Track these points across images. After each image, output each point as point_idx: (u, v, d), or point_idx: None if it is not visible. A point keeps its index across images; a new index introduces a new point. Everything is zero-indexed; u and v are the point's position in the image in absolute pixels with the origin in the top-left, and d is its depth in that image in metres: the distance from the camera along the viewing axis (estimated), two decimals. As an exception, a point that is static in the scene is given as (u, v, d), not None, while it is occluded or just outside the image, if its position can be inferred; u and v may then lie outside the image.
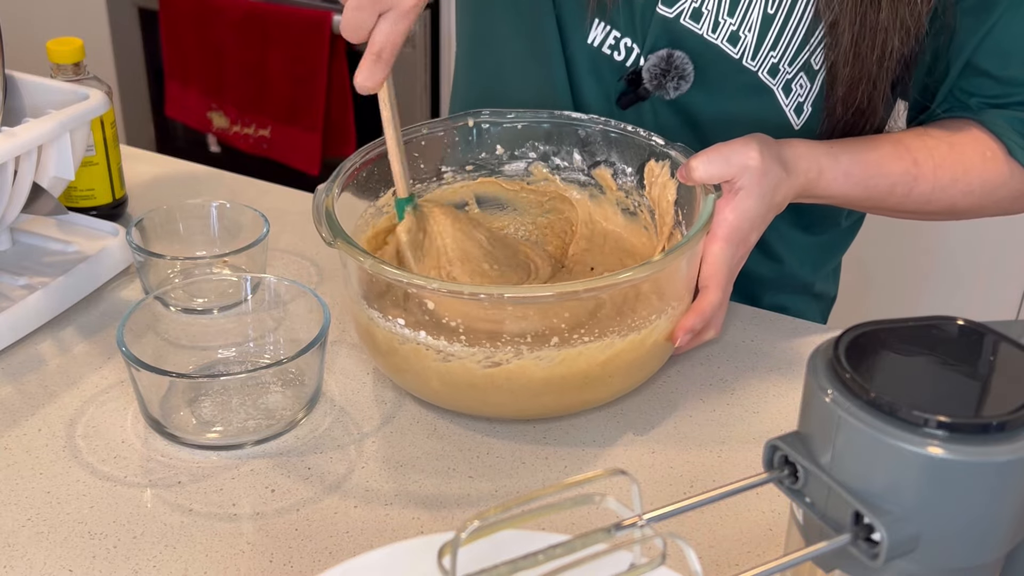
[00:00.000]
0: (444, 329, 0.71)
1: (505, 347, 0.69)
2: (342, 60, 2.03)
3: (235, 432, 0.73)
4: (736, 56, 0.86)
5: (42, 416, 0.75)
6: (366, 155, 0.82)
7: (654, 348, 0.74)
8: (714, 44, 0.85)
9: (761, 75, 0.86)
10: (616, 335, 0.71)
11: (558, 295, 0.69)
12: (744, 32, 0.85)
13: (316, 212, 0.74)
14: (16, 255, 0.91)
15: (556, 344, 0.70)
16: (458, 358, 0.70)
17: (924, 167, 0.86)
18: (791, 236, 0.99)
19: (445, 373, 0.71)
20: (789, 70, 0.86)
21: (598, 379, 0.72)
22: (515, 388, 0.71)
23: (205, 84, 2.18)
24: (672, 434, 0.75)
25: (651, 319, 0.72)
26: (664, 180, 0.82)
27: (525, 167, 0.89)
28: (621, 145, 0.86)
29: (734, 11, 0.84)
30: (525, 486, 0.70)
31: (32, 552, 0.64)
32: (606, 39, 0.89)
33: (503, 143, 0.88)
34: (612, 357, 0.71)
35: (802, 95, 0.87)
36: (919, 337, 0.45)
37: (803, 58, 0.85)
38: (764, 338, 0.87)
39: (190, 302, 0.82)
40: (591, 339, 0.70)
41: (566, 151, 0.87)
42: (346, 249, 0.71)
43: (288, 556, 0.64)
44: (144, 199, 1.04)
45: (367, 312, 0.73)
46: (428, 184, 0.88)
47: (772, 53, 0.85)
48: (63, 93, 0.89)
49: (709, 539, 0.66)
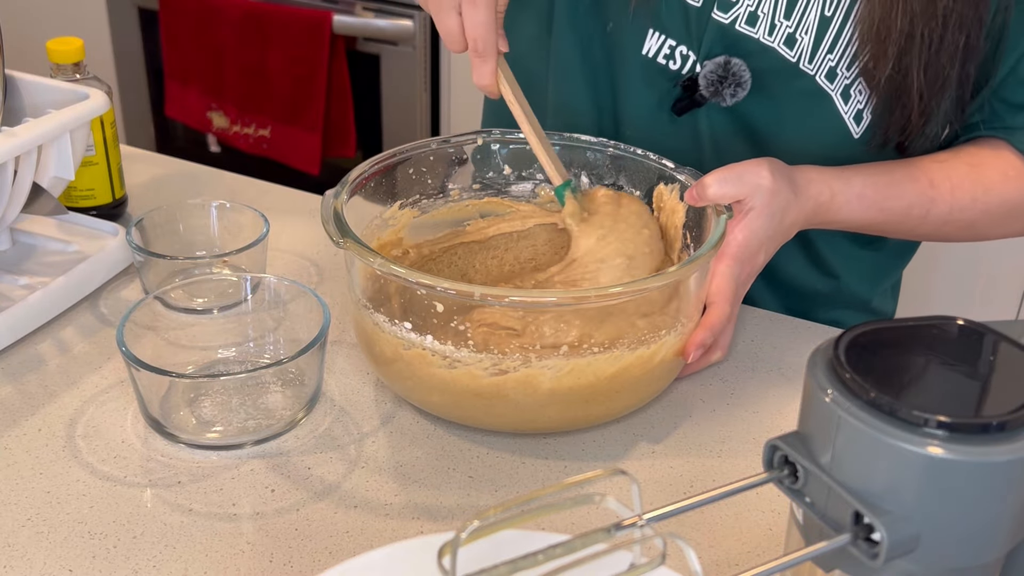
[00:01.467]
0: (451, 334, 0.71)
1: (513, 354, 0.69)
2: (342, 60, 2.03)
3: (235, 432, 0.73)
4: (793, 59, 0.84)
5: (42, 416, 0.75)
6: (375, 165, 0.82)
7: (662, 365, 0.73)
8: (771, 47, 0.84)
9: (819, 79, 0.84)
10: (625, 348, 0.70)
11: (571, 298, 0.69)
12: (801, 35, 0.83)
13: (325, 214, 0.74)
14: (16, 255, 0.91)
15: (565, 354, 0.70)
16: (464, 364, 0.69)
17: (941, 188, 0.85)
18: (849, 251, 0.98)
19: (450, 381, 0.70)
20: (847, 75, 0.84)
21: (605, 393, 0.71)
22: (520, 398, 0.70)
23: (205, 84, 2.18)
24: (672, 435, 0.75)
25: (661, 334, 0.72)
26: (673, 204, 0.82)
27: (532, 188, 0.89)
28: (630, 168, 0.85)
29: (790, 13, 0.83)
30: (525, 487, 0.70)
31: (32, 552, 0.64)
32: (661, 48, 0.88)
33: (511, 163, 0.89)
34: (621, 371, 0.70)
35: (861, 101, 0.85)
36: (920, 337, 0.45)
37: (861, 62, 0.83)
38: (764, 339, 0.87)
39: (190, 302, 0.82)
40: (600, 350, 0.70)
41: (574, 173, 0.87)
42: (355, 249, 0.70)
43: (288, 556, 0.64)
44: (144, 199, 1.04)
45: (371, 317, 0.73)
46: (434, 200, 0.88)
47: (829, 56, 0.83)
48: (63, 93, 0.89)
49: (709, 539, 0.66)
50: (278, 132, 2.14)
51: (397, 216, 0.85)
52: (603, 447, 0.74)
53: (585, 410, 0.72)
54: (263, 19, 2.04)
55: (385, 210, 0.84)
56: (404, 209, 0.86)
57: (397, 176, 0.84)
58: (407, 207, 0.86)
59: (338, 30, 2.00)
